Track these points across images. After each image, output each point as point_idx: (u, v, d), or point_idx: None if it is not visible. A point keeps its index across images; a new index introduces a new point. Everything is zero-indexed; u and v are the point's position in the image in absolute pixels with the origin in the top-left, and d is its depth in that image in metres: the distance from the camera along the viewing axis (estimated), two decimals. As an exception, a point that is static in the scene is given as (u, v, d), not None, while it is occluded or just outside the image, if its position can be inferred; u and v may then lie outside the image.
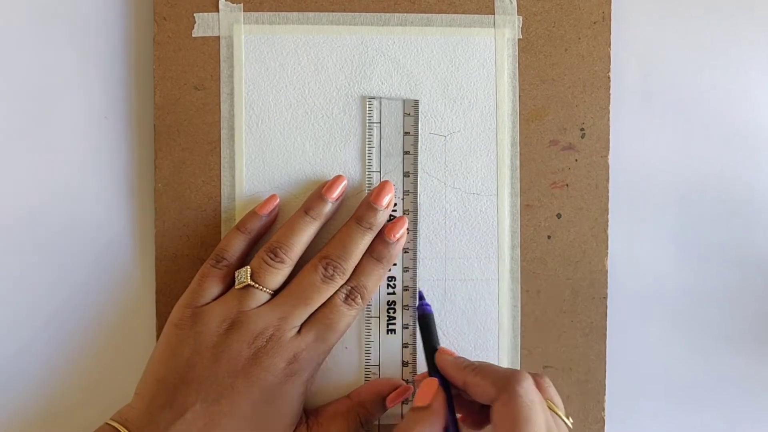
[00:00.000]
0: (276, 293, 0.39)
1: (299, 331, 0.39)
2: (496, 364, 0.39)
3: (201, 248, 0.41)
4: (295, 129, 0.42)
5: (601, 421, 0.43)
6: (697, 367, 0.45)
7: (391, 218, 0.42)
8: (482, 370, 0.36)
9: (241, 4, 0.42)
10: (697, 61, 0.45)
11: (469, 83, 0.43)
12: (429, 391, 0.36)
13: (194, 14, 0.41)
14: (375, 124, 0.42)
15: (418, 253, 0.42)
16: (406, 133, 0.42)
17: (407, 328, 0.42)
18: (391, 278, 0.42)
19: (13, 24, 0.42)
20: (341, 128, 0.42)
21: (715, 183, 0.45)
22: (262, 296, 0.39)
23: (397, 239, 0.41)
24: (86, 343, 0.40)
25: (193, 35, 0.41)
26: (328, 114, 0.42)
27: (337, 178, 0.41)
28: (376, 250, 0.41)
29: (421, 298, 0.42)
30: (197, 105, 0.42)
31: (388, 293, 0.42)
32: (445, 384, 0.37)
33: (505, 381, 0.34)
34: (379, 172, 0.42)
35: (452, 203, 0.43)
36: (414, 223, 0.42)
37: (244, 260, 0.40)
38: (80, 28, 0.42)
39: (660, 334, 0.45)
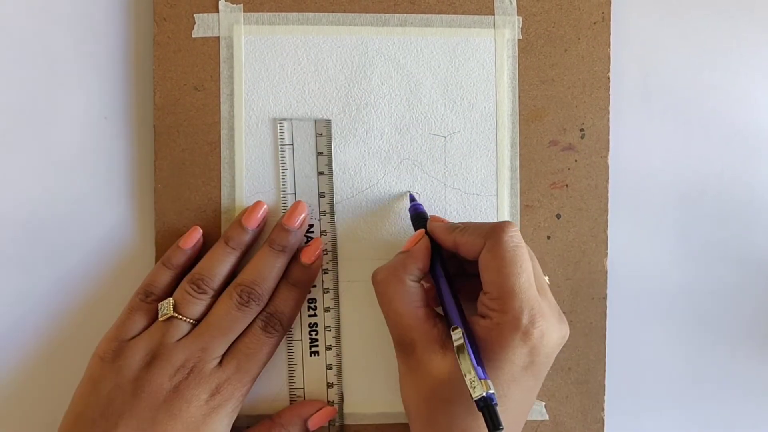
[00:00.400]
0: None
1: (221, 362, 0.38)
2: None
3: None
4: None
5: (601, 421, 0.43)
6: (696, 366, 0.45)
7: (308, 241, 0.41)
8: (469, 227, 0.37)
9: (241, 5, 0.42)
10: (697, 61, 0.45)
11: (468, 84, 0.43)
12: (413, 240, 0.38)
13: (194, 15, 0.41)
14: (287, 146, 0.42)
15: (340, 273, 0.42)
16: (319, 153, 0.42)
17: (330, 349, 0.42)
18: (312, 300, 0.42)
19: (13, 24, 0.42)
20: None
21: (715, 183, 0.45)
22: (185, 327, 0.38)
23: (313, 261, 0.40)
24: (85, 344, 0.40)
25: (193, 36, 0.41)
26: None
27: (257, 205, 0.41)
28: (292, 275, 0.40)
29: (412, 200, 0.42)
30: (197, 106, 0.42)
31: (309, 315, 0.42)
32: (437, 246, 0.38)
33: (490, 230, 0.35)
34: (294, 194, 0.42)
35: (452, 204, 0.43)
36: (333, 243, 0.42)
37: (172, 293, 0.40)
38: (80, 28, 0.42)
39: (659, 334, 0.45)
